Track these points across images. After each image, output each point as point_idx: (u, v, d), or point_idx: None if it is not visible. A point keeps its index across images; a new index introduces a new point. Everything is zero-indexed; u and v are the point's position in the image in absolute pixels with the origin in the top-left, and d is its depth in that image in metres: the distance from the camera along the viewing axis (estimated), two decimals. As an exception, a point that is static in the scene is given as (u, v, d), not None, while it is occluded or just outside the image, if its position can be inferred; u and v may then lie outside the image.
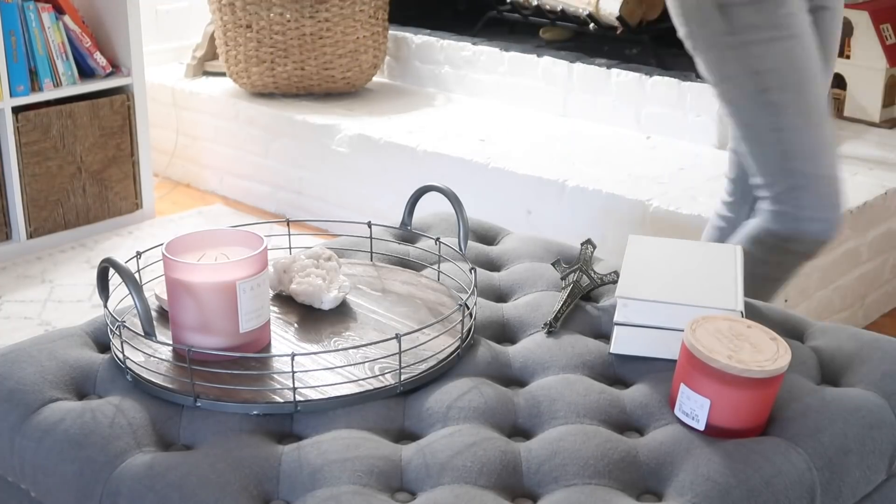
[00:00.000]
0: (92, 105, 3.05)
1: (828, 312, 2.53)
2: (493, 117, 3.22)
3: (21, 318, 2.62)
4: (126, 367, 1.28)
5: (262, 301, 1.30)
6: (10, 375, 1.28)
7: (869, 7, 3.12)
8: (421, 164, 2.95)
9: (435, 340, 1.33)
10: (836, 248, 2.49)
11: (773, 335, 1.21)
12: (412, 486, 1.10)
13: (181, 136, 3.64)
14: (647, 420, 1.22)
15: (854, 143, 2.99)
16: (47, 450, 1.18)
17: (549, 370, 1.31)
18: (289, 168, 3.31)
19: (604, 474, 1.11)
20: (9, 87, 2.87)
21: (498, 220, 2.76)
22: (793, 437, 1.17)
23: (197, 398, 1.22)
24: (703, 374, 1.15)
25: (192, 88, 3.57)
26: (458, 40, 3.45)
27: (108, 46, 3.14)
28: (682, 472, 1.11)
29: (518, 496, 1.10)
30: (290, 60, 3.31)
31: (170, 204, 3.46)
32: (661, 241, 1.51)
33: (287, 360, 1.28)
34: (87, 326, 1.42)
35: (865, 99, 3.15)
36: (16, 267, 2.92)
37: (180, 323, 1.28)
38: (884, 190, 2.61)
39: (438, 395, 1.24)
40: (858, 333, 1.41)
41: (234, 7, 3.27)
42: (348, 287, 1.45)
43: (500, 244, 1.74)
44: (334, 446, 1.14)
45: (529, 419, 1.22)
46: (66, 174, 3.04)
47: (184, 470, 1.10)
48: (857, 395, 1.25)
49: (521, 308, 1.47)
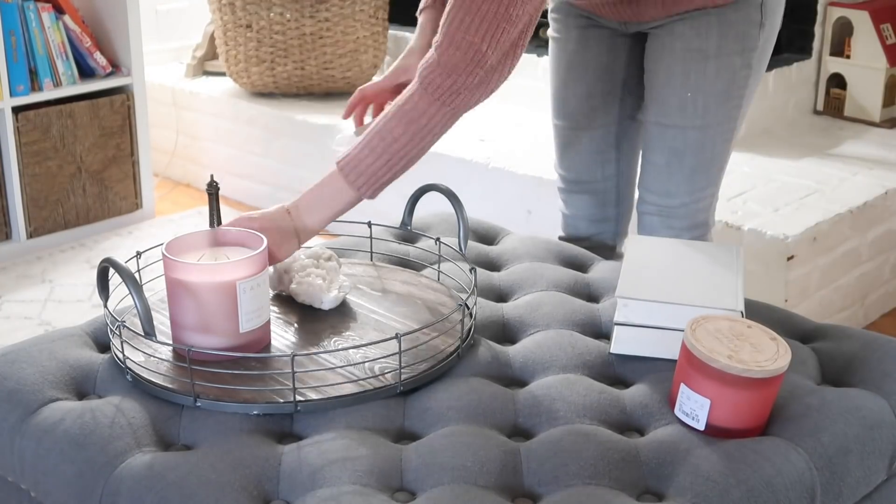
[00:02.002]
0: (92, 105, 3.05)
1: (828, 312, 2.53)
2: (493, 117, 3.22)
3: (21, 318, 2.62)
4: (126, 367, 1.27)
5: (262, 301, 1.30)
6: (10, 375, 1.28)
7: (869, 7, 3.12)
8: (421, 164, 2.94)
9: (435, 340, 1.33)
10: (836, 248, 2.49)
11: (773, 335, 1.21)
12: (412, 486, 1.10)
13: (181, 136, 3.64)
14: (647, 420, 1.22)
15: (854, 143, 2.99)
16: (47, 450, 1.18)
17: (549, 370, 1.31)
18: (289, 168, 3.31)
19: (604, 474, 1.11)
20: (9, 87, 2.87)
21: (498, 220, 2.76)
22: (793, 437, 1.17)
23: (197, 398, 1.22)
24: (703, 374, 1.15)
25: (192, 88, 3.56)
26: (458, 40, 3.45)
27: (108, 46, 3.14)
28: (682, 472, 1.11)
29: (518, 496, 1.10)
30: (290, 60, 3.31)
31: (170, 204, 3.46)
32: (661, 241, 1.51)
33: (287, 360, 1.27)
34: (87, 326, 1.42)
35: (865, 99, 3.15)
36: (16, 267, 2.92)
37: (180, 323, 1.28)
38: (884, 190, 2.61)
39: (438, 395, 1.24)
40: (858, 333, 1.41)
41: (234, 7, 3.27)
42: (348, 287, 1.45)
43: (500, 244, 1.74)
44: (334, 446, 1.13)
45: (529, 419, 1.22)
46: (66, 174, 3.04)
47: (184, 470, 1.10)
48: (857, 395, 1.25)
49: (521, 308, 1.46)
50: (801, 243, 2.35)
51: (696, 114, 1.66)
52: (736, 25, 1.62)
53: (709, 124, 1.67)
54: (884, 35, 3.10)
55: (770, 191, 2.59)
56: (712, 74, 1.64)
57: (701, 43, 1.62)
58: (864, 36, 3.12)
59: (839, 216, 2.46)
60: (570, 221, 1.89)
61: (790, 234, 2.33)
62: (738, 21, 1.62)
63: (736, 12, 1.61)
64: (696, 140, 1.68)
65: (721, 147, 1.71)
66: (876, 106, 3.13)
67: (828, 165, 2.79)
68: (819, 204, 2.50)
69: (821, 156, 2.87)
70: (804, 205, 2.50)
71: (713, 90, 1.65)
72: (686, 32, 1.63)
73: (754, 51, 1.65)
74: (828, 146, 2.96)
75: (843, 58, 3.18)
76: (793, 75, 3.15)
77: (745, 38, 1.63)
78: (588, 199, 1.85)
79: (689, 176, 1.70)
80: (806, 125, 3.17)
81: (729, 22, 1.62)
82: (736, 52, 1.63)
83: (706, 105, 1.65)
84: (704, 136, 1.68)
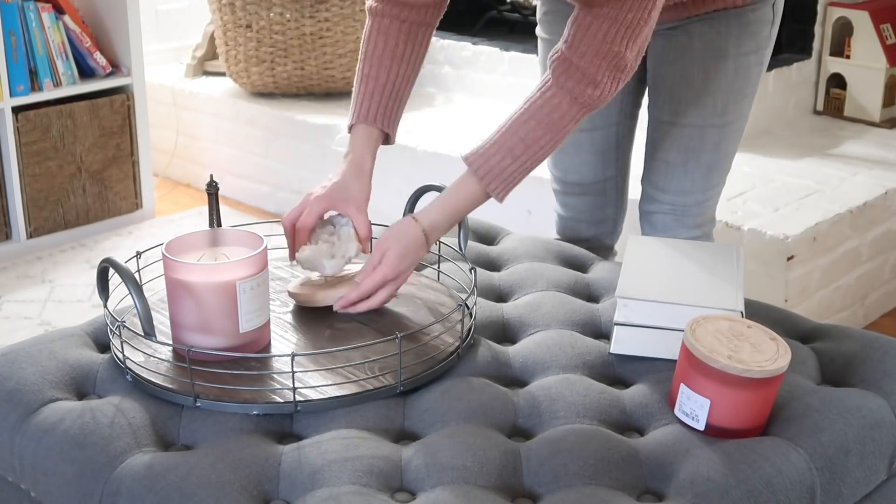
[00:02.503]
0: (92, 105, 3.05)
1: (828, 312, 2.53)
2: (493, 117, 3.22)
3: (21, 318, 2.62)
4: (126, 367, 1.27)
5: (262, 301, 1.30)
6: (10, 375, 1.28)
7: (869, 7, 3.12)
8: (421, 164, 2.95)
9: (435, 340, 1.33)
10: (836, 248, 2.49)
11: (773, 335, 1.20)
12: (412, 486, 1.10)
13: (181, 136, 3.63)
14: (647, 420, 1.22)
15: (854, 143, 2.99)
16: (47, 450, 1.18)
17: (549, 370, 1.31)
18: (289, 168, 3.31)
19: (604, 474, 1.11)
20: (9, 87, 2.87)
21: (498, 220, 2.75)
22: (793, 437, 1.17)
23: (197, 398, 1.22)
24: (703, 374, 1.15)
25: (192, 88, 3.56)
26: (458, 40, 3.45)
27: (108, 46, 3.14)
28: (682, 472, 1.11)
29: (518, 496, 1.10)
30: (290, 60, 3.31)
31: (170, 204, 3.46)
32: (661, 241, 1.51)
33: (287, 360, 1.27)
34: (87, 326, 1.42)
35: (865, 99, 3.15)
36: (16, 267, 2.92)
37: (180, 323, 1.28)
38: (884, 190, 2.61)
39: (438, 395, 1.24)
40: (858, 333, 1.41)
41: (234, 7, 3.27)
42: (354, 254, 1.43)
43: (500, 244, 1.74)
44: (334, 446, 1.13)
45: (529, 419, 1.22)
46: (66, 174, 3.04)
47: (184, 470, 1.10)
48: (857, 395, 1.25)
49: (521, 308, 1.46)
50: (801, 243, 2.35)
51: (716, 112, 1.67)
52: (752, 25, 1.63)
53: (727, 122, 1.68)
54: (884, 35, 3.10)
55: (770, 191, 2.59)
56: (731, 73, 1.65)
57: (721, 42, 1.63)
58: (864, 36, 3.12)
59: (839, 216, 2.46)
60: (569, 224, 1.88)
61: (790, 234, 2.33)
62: (754, 20, 1.63)
63: (753, 12, 1.63)
64: (714, 138, 1.69)
65: (735, 143, 1.73)
66: (876, 106, 3.13)
67: (828, 165, 2.78)
68: (819, 204, 2.50)
69: (821, 156, 2.87)
70: (804, 205, 2.50)
71: (732, 88, 1.66)
72: (706, 32, 1.63)
73: (766, 48, 1.68)
74: (828, 146, 2.96)
75: (843, 58, 3.18)
76: (793, 75, 3.15)
77: (760, 37, 1.65)
78: (588, 201, 1.84)
79: (705, 174, 1.72)
80: (806, 125, 3.17)
81: (747, 21, 1.63)
82: (752, 50, 1.65)
83: (725, 103, 1.67)
84: (722, 134, 1.69)
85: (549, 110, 1.38)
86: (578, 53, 1.36)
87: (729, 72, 1.65)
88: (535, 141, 1.39)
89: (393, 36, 1.51)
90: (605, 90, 1.37)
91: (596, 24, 1.35)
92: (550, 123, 1.38)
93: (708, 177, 1.72)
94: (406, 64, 1.52)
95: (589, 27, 1.35)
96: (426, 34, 1.54)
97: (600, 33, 1.35)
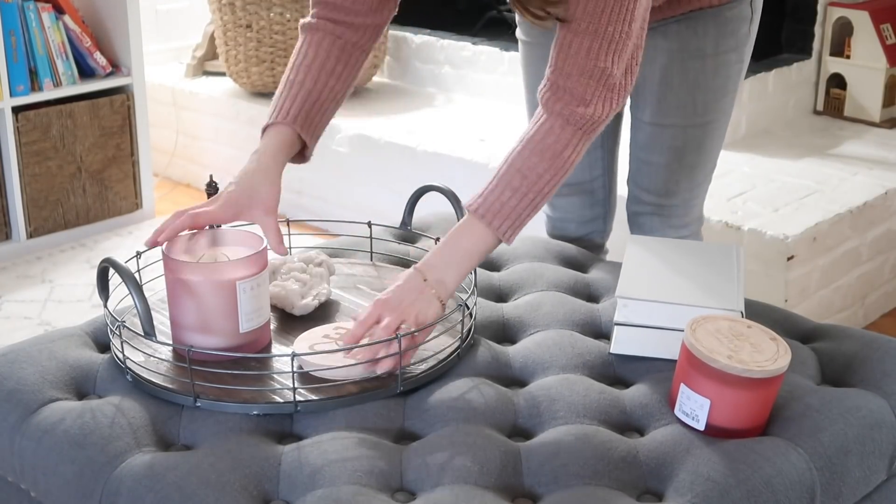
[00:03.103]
0: (92, 105, 3.05)
1: (828, 312, 2.53)
2: (493, 117, 3.22)
3: (21, 318, 2.62)
4: (126, 367, 1.27)
5: (262, 301, 1.30)
6: (10, 375, 1.28)
7: (869, 7, 3.12)
8: (421, 164, 2.95)
9: (435, 340, 1.33)
10: (836, 248, 2.49)
11: (773, 335, 1.20)
12: (412, 486, 1.10)
13: (181, 136, 3.63)
14: (647, 420, 1.22)
15: (854, 143, 2.99)
16: (47, 450, 1.18)
17: (549, 370, 1.31)
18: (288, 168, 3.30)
19: (604, 474, 1.11)
20: (9, 87, 2.87)
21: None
22: (793, 437, 1.17)
23: (197, 398, 1.22)
24: (703, 374, 1.15)
25: (192, 88, 3.56)
26: (458, 40, 3.45)
27: (108, 46, 3.14)
28: (682, 472, 1.11)
29: (518, 496, 1.10)
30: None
31: (170, 204, 3.46)
32: (661, 241, 1.51)
33: (287, 360, 1.27)
34: (87, 326, 1.42)
35: (865, 99, 3.15)
36: (16, 267, 2.92)
37: (180, 323, 1.28)
38: (884, 190, 2.61)
39: (438, 395, 1.24)
40: (858, 333, 1.41)
41: (234, 7, 3.27)
42: (325, 296, 1.43)
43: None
44: (334, 446, 1.13)
45: (529, 419, 1.22)
46: (66, 174, 3.04)
47: (184, 470, 1.10)
48: (857, 395, 1.25)
49: (521, 308, 1.46)
50: (801, 243, 2.35)
51: (697, 112, 1.66)
52: (730, 23, 1.63)
53: (709, 121, 1.68)
54: (884, 35, 3.10)
55: (770, 191, 2.59)
56: (711, 72, 1.64)
57: (699, 42, 1.63)
58: (864, 36, 3.12)
59: (839, 216, 2.46)
60: (558, 224, 1.88)
61: (790, 234, 2.33)
62: (732, 18, 1.63)
63: (731, 10, 1.62)
64: (697, 138, 1.68)
65: (718, 141, 1.73)
66: (876, 106, 3.13)
67: (828, 165, 2.78)
68: (819, 204, 2.50)
69: (821, 156, 2.87)
70: (804, 205, 2.50)
71: (712, 87, 1.65)
72: (683, 33, 1.63)
73: (746, 45, 1.68)
74: (828, 146, 2.96)
75: (843, 58, 3.18)
76: (793, 75, 3.15)
77: (738, 35, 1.65)
78: (577, 201, 1.84)
79: (689, 174, 1.71)
80: (806, 125, 3.17)
81: (724, 20, 1.63)
82: (731, 48, 1.65)
83: (706, 103, 1.66)
84: (705, 133, 1.69)
85: (543, 136, 1.34)
86: (564, 75, 1.33)
87: (708, 71, 1.64)
88: (532, 169, 1.33)
89: (325, 49, 1.47)
90: (598, 110, 1.33)
91: (577, 42, 1.32)
92: (545, 150, 1.33)
93: (692, 176, 1.72)
94: (336, 79, 1.48)
95: (570, 46, 1.33)
96: (359, 58, 1.51)
97: (582, 50, 1.32)
